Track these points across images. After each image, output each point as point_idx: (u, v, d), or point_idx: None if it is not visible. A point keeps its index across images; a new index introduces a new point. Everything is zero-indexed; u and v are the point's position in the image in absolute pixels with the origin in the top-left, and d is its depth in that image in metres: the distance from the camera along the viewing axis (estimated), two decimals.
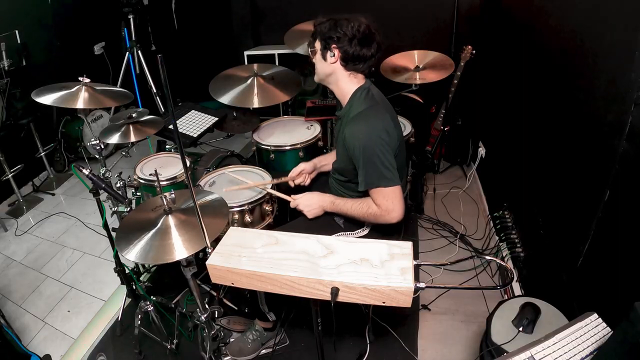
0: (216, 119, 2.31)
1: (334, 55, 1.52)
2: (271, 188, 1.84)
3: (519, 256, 2.07)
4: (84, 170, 1.58)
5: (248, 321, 1.99)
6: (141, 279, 2.23)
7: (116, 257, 1.95)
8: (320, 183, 1.95)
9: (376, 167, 1.45)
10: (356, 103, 1.55)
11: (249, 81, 2.36)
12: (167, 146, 2.40)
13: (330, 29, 1.50)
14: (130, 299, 2.16)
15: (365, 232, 1.67)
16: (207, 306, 1.52)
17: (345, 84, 1.58)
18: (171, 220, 1.31)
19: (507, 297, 2.06)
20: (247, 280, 1.05)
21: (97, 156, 1.96)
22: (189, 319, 1.91)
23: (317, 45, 1.56)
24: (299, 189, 1.85)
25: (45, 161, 3.60)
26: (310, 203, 1.66)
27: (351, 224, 1.68)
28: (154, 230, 1.29)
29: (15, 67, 3.18)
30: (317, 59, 1.59)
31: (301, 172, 1.86)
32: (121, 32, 3.50)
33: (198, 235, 1.22)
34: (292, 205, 1.71)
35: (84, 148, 3.66)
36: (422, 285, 0.96)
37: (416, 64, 2.69)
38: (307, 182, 1.89)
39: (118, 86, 3.18)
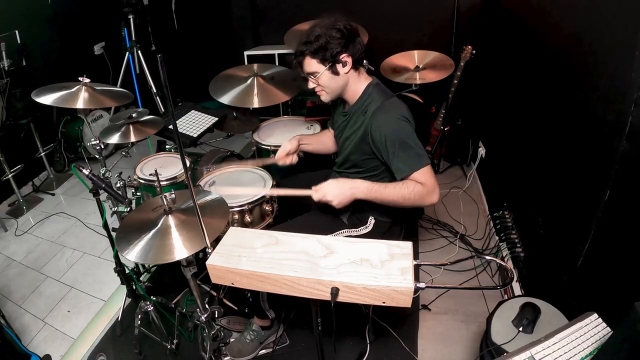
0: (216, 119, 2.31)
1: (346, 64, 1.50)
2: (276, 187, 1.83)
3: (519, 256, 2.07)
4: (84, 170, 1.58)
5: (248, 321, 1.99)
6: (141, 279, 2.23)
7: (116, 257, 1.95)
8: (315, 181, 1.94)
9: (412, 149, 1.45)
10: (371, 97, 1.56)
11: (249, 81, 2.36)
12: (167, 146, 2.40)
13: (329, 43, 1.46)
14: (130, 299, 2.16)
15: (368, 229, 1.67)
16: (207, 306, 1.52)
17: (356, 84, 1.59)
18: (171, 220, 1.31)
19: (507, 297, 2.06)
20: (247, 280, 1.05)
21: (97, 156, 1.96)
22: (189, 319, 1.91)
23: (321, 67, 1.50)
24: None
25: (45, 161, 3.60)
26: (337, 191, 1.46)
27: (354, 221, 1.68)
28: (154, 231, 1.29)
29: (15, 67, 3.18)
30: (327, 79, 1.53)
31: (287, 153, 1.82)
32: (121, 32, 3.50)
33: (198, 235, 1.22)
34: (315, 197, 1.49)
35: (84, 148, 3.66)
36: (422, 285, 0.96)
37: (416, 64, 2.70)
38: (295, 160, 1.85)
39: (118, 86, 3.18)
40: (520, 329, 1.39)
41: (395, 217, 1.74)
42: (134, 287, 2.11)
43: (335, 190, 1.47)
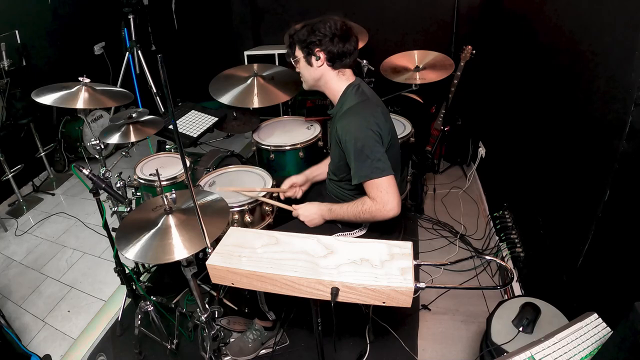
0: (216, 119, 2.31)
1: (319, 58, 1.54)
2: (270, 199, 1.84)
3: (519, 256, 2.07)
4: (84, 170, 1.58)
5: (248, 321, 1.99)
6: (141, 279, 2.22)
7: (116, 257, 1.95)
8: (315, 192, 1.95)
9: (367, 158, 1.44)
10: (348, 99, 1.56)
11: (249, 81, 2.36)
12: (167, 146, 2.40)
13: (310, 34, 1.52)
14: (130, 299, 2.16)
15: (363, 231, 1.67)
16: (207, 306, 1.52)
17: (335, 83, 1.59)
18: (171, 220, 1.31)
19: (507, 297, 2.06)
20: (247, 280, 1.05)
21: (97, 156, 1.96)
22: (189, 319, 1.91)
23: (299, 53, 1.58)
24: (294, 201, 1.85)
25: (45, 161, 3.61)
26: (309, 213, 1.65)
27: (349, 224, 1.68)
28: (154, 230, 1.29)
29: (15, 67, 3.18)
30: (303, 67, 1.60)
31: (292, 185, 1.86)
32: (121, 32, 3.50)
33: (198, 236, 1.22)
34: (294, 214, 1.71)
35: (84, 148, 3.66)
36: (422, 285, 0.96)
37: (416, 64, 2.69)
38: (299, 195, 1.89)
39: (118, 86, 3.18)
40: (520, 329, 1.39)
41: (392, 219, 1.73)
42: (134, 287, 2.11)
43: (306, 213, 1.66)
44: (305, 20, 1.58)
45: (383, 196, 1.44)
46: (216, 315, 1.62)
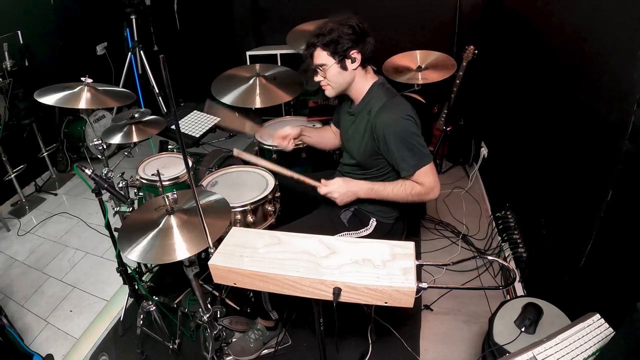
0: (218, 119, 2.31)
1: (354, 60, 1.52)
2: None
3: (521, 256, 2.06)
4: (86, 170, 1.59)
5: (250, 321, 1.99)
6: (143, 279, 2.23)
7: (118, 257, 1.95)
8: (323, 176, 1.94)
9: (416, 147, 1.48)
10: (375, 96, 1.57)
11: (251, 81, 2.36)
12: (170, 146, 2.41)
13: (341, 37, 1.47)
14: (132, 299, 2.16)
15: (369, 231, 1.67)
16: (209, 306, 1.52)
17: (362, 83, 1.60)
18: (173, 220, 1.31)
19: (509, 298, 2.06)
20: (249, 280, 1.05)
21: (99, 156, 1.96)
22: (191, 319, 1.91)
23: (330, 60, 1.51)
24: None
25: (48, 161, 3.62)
26: (343, 190, 1.59)
27: (355, 222, 1.68)
28: (156, 230, 1.29)
29: (18, 68, 3.18)
30: (334, 73, 1.54)
31: (287, 136, 1.87)
32: (123, 32, 3.51)
33: (200, 236, 1.22)
34: (322, 191, 1.61)
35: (86, 148, 3.66)
36: (424, 285, 0.96)
37: (418, 64, 2.70)
38: (290, 147, 1.89)
39: (120, 86, 3.18)
40: (523, 329, 1.39)
41: (397, 219, 1.74)
42: (136, 287, 2.11)
43: (341, 190, 1.59)
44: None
45: (430, 181, 1.51)
46: (218, 315, 1.62)
